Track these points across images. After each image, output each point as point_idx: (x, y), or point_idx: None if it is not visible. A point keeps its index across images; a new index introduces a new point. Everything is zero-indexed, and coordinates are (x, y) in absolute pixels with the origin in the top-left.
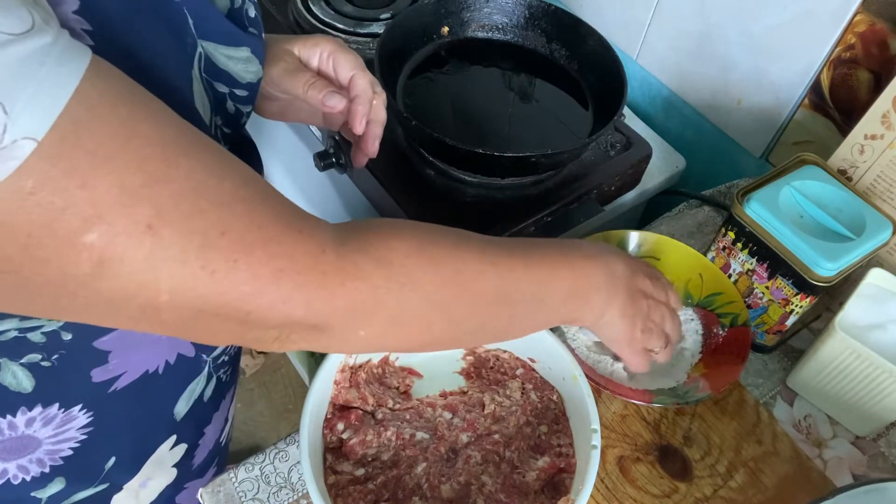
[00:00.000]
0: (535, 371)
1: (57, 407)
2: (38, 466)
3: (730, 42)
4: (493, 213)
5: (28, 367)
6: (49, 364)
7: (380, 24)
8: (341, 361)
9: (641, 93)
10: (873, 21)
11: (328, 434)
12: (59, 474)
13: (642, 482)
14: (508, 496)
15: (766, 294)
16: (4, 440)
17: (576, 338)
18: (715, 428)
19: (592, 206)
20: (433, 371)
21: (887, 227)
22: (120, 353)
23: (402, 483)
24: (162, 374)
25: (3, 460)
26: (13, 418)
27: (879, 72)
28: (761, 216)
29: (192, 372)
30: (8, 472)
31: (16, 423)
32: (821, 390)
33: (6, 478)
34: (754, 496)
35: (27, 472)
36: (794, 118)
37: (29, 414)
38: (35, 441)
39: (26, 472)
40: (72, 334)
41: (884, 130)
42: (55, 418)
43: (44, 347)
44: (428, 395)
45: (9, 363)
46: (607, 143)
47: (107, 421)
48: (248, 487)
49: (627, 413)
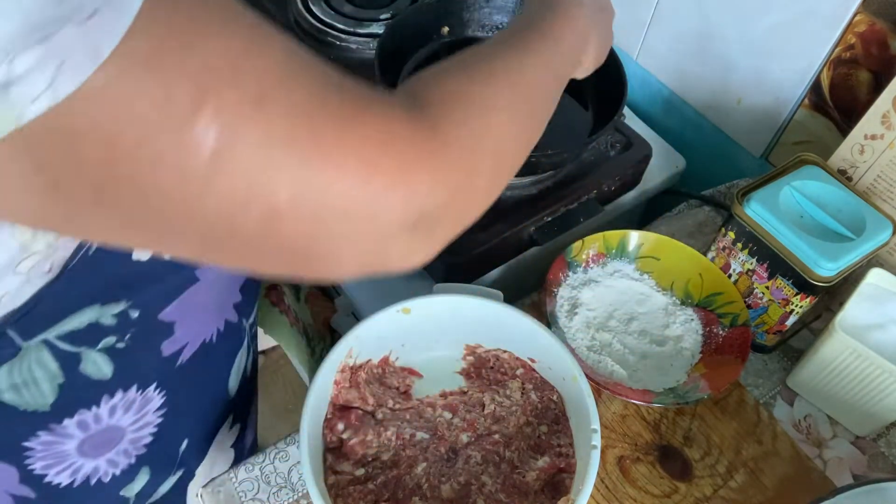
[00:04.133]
0: (535, 371)
1: (135, 389)
2: (125, 458)
3: (730, 42)
4: (493, 213)
5: (105, 351)
6: (123, 345)
7: (380, 24)
8: (341, 361)
9: (641, 93)
10: (873, 21)
11: (328, 434)
12: (143, 463)
13: (642, 482)
14: (508, 496)
15: (766, 294)
16: (92, 434)
17: (576, 338)
18: (715, 428)
19: (592, 206)
20: (433, 371)
21: (887, 227)
22: (182, 322)
23: (402, 483)
24: (215, 343)
25: (93, 457)
26: (98, 409)
27: (879, 72)
28: (761, 216)
29: (237, 342)
30: (99, 469)
31: (100, 413)
32: (821, 390)
33: (97, 476)
34: (754, 496)
35: (116, 465)
36: (794, 118)
37: (111, 401)
38: (119, 431)
39: (115, 465)
40: (139, 311)
41: (884, 130)
42: (134, 402)
43: (116, 329)
44: (428, 395)
45: (88, 351)
46: (607, 143)
47: (177, 400)
48: (248, 487)
49: (627, 413)
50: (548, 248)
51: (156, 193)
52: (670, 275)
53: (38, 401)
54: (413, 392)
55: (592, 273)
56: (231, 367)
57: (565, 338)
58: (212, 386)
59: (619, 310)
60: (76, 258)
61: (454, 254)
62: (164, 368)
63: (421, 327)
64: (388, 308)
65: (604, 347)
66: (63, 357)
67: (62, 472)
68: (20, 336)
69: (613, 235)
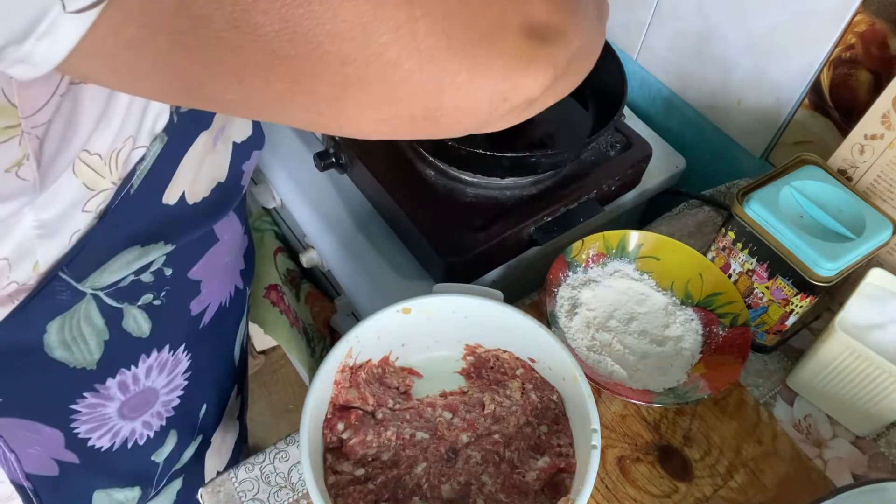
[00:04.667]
0: (535, 371)
1: (168, 349)
2: (158, 420)
3: (730, 42)
4: (493, 213)
5: (144, 308)
6: (160, 302)
7: None
8: (341, 362)
9: (641, 93)
10: (873, 21)
11: (328, 434)
12: (172, 426)
13: (642, 482)
14: (508, 496)
15: (766, 294)
16: (131, 397)
17: (575, 338)
18: (715, 428)
19: (592, 206)
20: (433, 371)
21: (887, 227)
22: (207, 281)
23: (402, 483)
24: (228, 307)
25: (130, 419)
26: (136, 369)
27: (879, 72)
28: (761, 216)
29: (241, 308)
30: (135, 432)
31: (138, 374)
32: (821, 390)
33: (134, 439)
34: (754, 496)
35: (150, 427)
36: (794, 118)
37: (148, 361)
38: (154, 393)
39: (150, 427)
40: (171, 269)
41: (884, 130)
42: (167, 363)
43: (153, 286)
44: (428, 395)
45: (130, 308)
46: (607, 143)
47: (200, 363)
48: (248, 487)
49: (627, 413)
50: (548, 248)
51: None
52: (670, 275)
53: (86, 357)
54: (413, 392)
55: (592, 273)
56: (237, 335)
57: (565, 338)
58: (224, 352)
59: (619, 310)
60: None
61: (454, 254)
62: (192, 329)
63: (421, 327)
64: (388, 308)
65: (604, 347)
66: (109, 313)
67: (104, 435)
68: (73, 279)
69: (613, 235)
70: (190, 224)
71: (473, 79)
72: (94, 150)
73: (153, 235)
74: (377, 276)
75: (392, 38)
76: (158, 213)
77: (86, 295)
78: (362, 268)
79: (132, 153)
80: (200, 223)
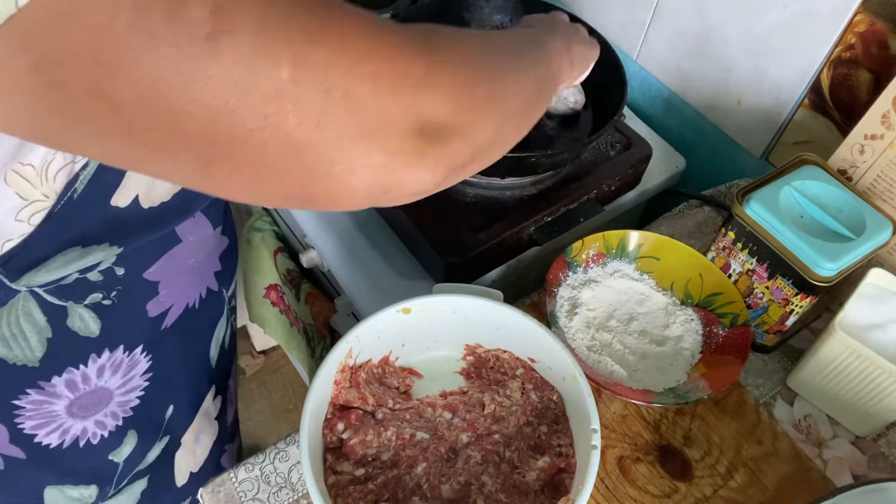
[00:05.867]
0: (535, 371)
1: (122, 350)
2: (113, 419)
3: (730, 42)
4: (493, 213)
5: (92, 308)
6: (110, 302)
7: None
8: (341, 362)
9: (641, 93)
10: (873, 21)
11: (328, 434)
12: (131, 427)
13: (642, 482)
14: (508, 496)
15: (766, 294)
16: (80, 396)
17: (575, 338)
18: (715, 428)
19: (592, 206)
20: (433, 371)
21: (887, 227)
22: (166, 283)
23: (402, 483)
24: (198, 309)
25: (81, 418)
26: (86, 368)
27: (879, 72)
28: (761, 216)
29: (217, 311)
30: (87, 430)
31: (88, 374)
32: (821, 390)
33: (86, 438)
34: (754, 496)
35: (104, 427)
36: (794, 118)
37: (99, 361)
38: (107, 393)
39: (103, 427)
40: (124, 269)
41: (884, 130)
42: (122, 364)
43: (103, 285)
44: (428, 395)
45: (74, 306)
46: (607, 143)
47: (163, 364)
48: (248, 487)
49: (627, 413)
50: (548, 248)
51: (152, 85)
52: (670, 275)
53: (26, 354)
54: (413, 392)
55: (592, 273)
56: (212, 336)
57: (565, 338)
58: (196, 353)
59: (619, 310)
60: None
61: (454, 254)
62: (150, 331)
63: (421, 327)
64: (388, 308)
65: (604, 347)
66: (50, 310)
67: (52, 432)
68: (7, 277)
69: (613, 235)
70: (144, 227)
71: (350, 171)
72: (26, 161)
73: (97, 237)
74: (377, 276)
75: (260, 127)
76: (106, 216)
77: (20, 292)
78: (362, 268)
79: (69, 165)
80: (157, 226)
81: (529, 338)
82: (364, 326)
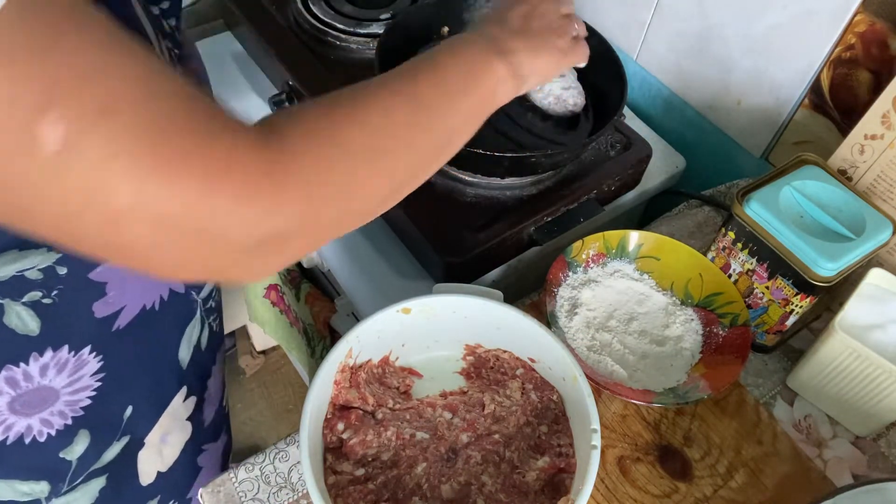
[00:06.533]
0: (535, 371)
1: (67, 350)
2: (61, 418)
3: (730, 42)
4: (493, 213)
5: (31, 306)
6: (50, 301)
7: (380, 24)
8: (341, 362)
9: (641, 93)
10: (873, 21)
11: (328, 434)
12: (82, 426)
13: (642, 482)
14: (508, 496)
15: (766, 294)
16: (22, 393)
17: (575, 338)
18: (715, 428)
19: (592, 206)
20: (433, 371)
21: (887, 227)
22: (115, 284)
23: (402, 483)
24: (159, 311)
25: (25, 415)
26: (27, 366)
27: (879, 72)
28: (761, 216)
29: (187, 313)
30: (32, 428)
31: (30, 372)
32: (821, 390)
33: (31, 435)
34: (754, 496)
35: (51, 425)
36: (794, 118)
37: (41, 360)
38: (53, 392)
39: (50, 425)
40: (66, 268)
41: (884, 130)
42: (67, 364)
43: (42, 284)
44: (428, 395)
45: (11, 304)
46: (607, 143)
47: (118, 365)
48: (248, 487)
49: (627, 413)
50: (548, 248)
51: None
52: (670, 275)
53: None
54: (413, 392)
55: (592, 273)
56: (181, 338)
57: (565, 338)
58: (159, 355)
59: (619, 310)
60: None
61: (454, 254)
62: (99, 331)
63: (421, 327)
64: (388, 308)
65: (604, 347)
66: None
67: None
68: None
69: (613, 235)
70: None
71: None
72: None
73: (35, 241)
74: (377, 276)
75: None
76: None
77: None
78: (362, 268)
79: None
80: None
81: (529, 338)
82: (364, 326)
